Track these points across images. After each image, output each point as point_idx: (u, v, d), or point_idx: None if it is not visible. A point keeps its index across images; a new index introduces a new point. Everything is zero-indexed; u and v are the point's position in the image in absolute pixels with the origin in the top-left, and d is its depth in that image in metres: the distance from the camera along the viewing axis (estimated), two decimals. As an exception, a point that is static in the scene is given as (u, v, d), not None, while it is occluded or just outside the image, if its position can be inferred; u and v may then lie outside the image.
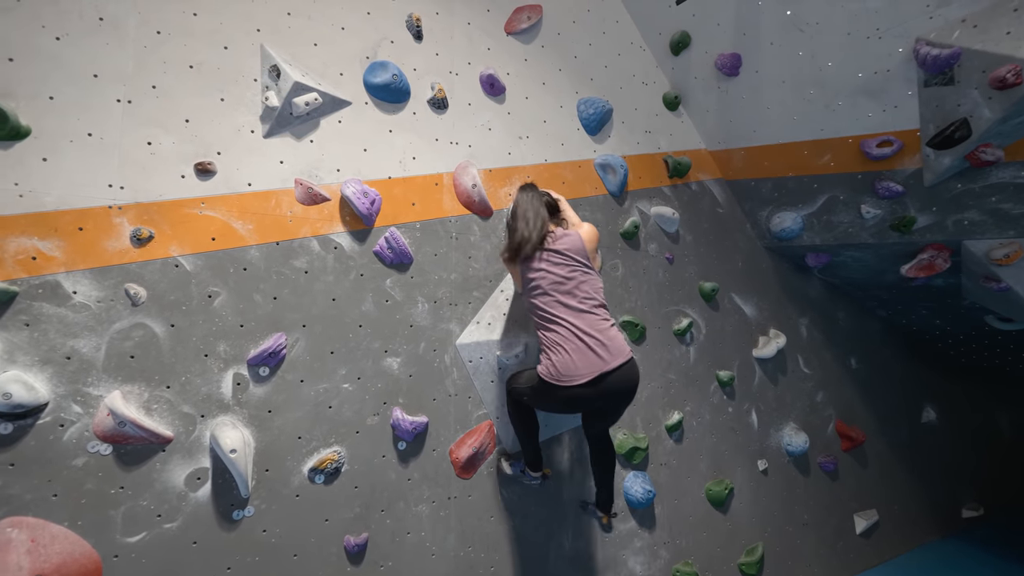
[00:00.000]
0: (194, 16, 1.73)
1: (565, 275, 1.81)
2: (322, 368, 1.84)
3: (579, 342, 1.72)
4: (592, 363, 1.70)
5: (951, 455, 4.04)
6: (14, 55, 1.49)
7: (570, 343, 1.73)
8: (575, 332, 1.74)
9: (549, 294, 1.81)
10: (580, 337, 1.73)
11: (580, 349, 1.72)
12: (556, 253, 1.84)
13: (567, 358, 1.72)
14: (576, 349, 1.72)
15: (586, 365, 1.71)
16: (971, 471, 4.19)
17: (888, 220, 2.51)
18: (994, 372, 4.01)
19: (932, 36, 1.96)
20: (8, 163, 1.47)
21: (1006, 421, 4.60)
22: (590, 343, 1.72)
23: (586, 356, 1.71)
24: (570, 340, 1.73)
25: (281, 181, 1.82)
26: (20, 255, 1.46)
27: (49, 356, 1.47)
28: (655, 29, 2.68)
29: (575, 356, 1.71)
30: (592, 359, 1.71)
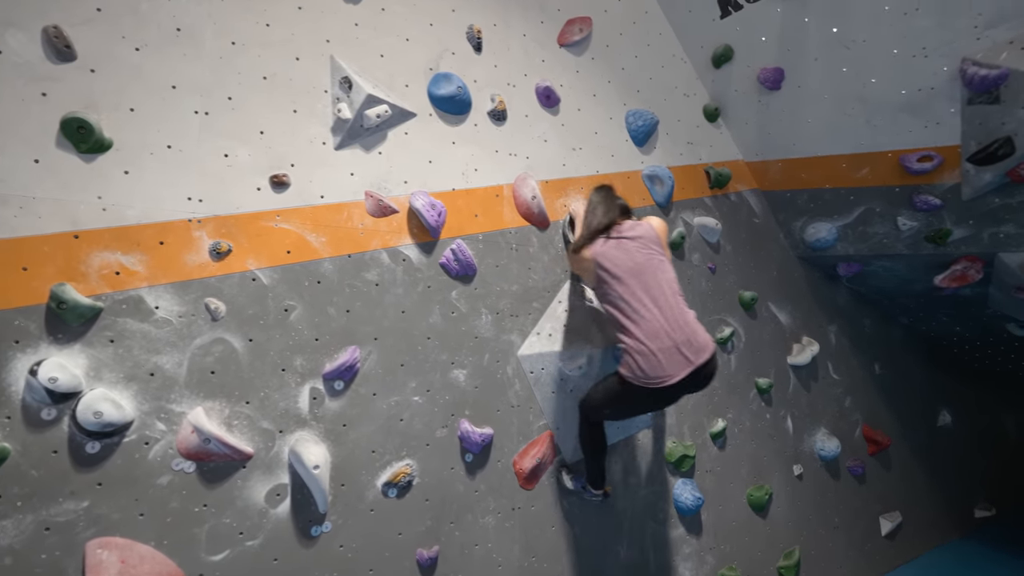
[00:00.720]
0: (267, 27, 1.72)
1: (642, 261, 1.81)
2: (393, 381, 1.84)
3: (666, 340, 1.69)
4: (679, 364, 1.68)
5: (964, 457, 4.18)
6: (96, 66, 1.47)
7: (656, 341, 1.69)
8: (660, 327, 1.71)
9: (627, 283, 1.78)
10: (668, 334, 1.70)
11: (667, 349, 1.68)
12: (631, 240, 1.87)
13: (654, 360, 1.68)
14: (663, 349, 1.68)
15: (673, 366, 1.68)
16: (982, 472, 4.34)
17: (924, 232, 2.60)
18: (1004, 376, 4.16)
19: (979, 56, 2.05)
20: (91, 176, 1.45)
21: (1012, 423, 4.78)
22: (677, 340, 1.69)
23: (673, 356, 1.68)
24: (656, 338, 1.69)
25: (352, 193, 1.82)
26: (104, 270, 1.44)
27: (133, 373, 1.45)
28: (697, 42, 2.74)
29: (662, 357, 1.68)
30: (679, 360, 1.68)
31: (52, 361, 1.35)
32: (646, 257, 1.83)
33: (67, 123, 1.40)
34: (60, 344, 1.38)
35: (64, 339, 1.38)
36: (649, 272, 1.81)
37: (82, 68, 1.45)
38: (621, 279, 1.80)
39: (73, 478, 1.37)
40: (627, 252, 1.84)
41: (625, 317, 1.77)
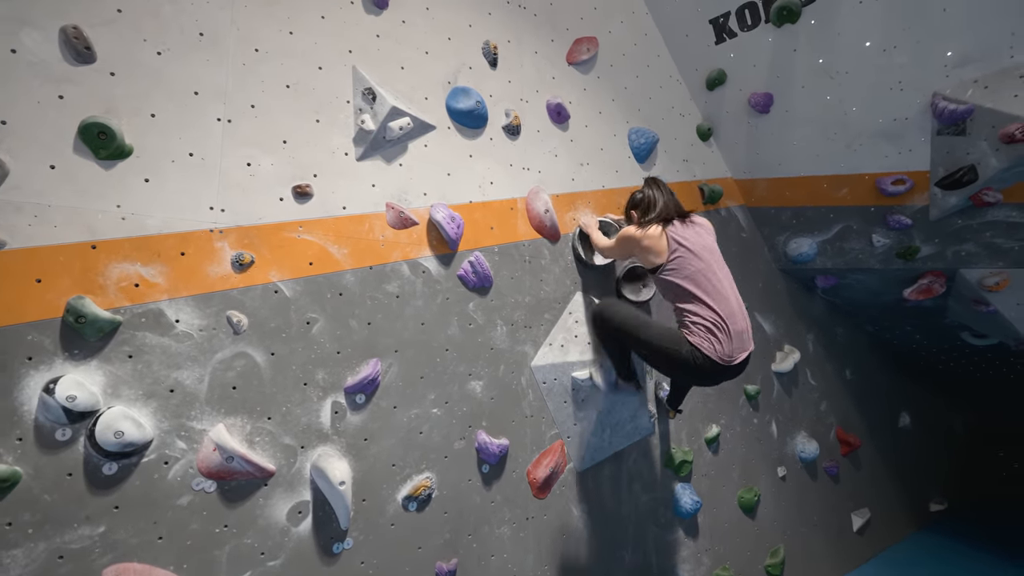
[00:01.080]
0: (290, 35, 1.70)
1: (712, 246, 1.91)
2: (413, 394, 1.84)
3: (740, 322, 1.80)
4: (741, 347, 1.80)
5: (921, 455, 4.52)
6: (116, 69, 1.41)
7: (733, 323, 1.77)
8: (736, 310, 1.81)
9: (706, 261, 1.84)
10: (741, 317, 1.81)
11: (738, 332, 1.78)
12: (699, 226, 1.96)
13: (726, 339, 1.75)
14: (736, 331, 1.77)
15: (739, 349, 1.79)
16: (935, 468, 4.71)
17: (895, 248, 2.83)
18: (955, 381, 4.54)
19: (948, 92, 2.27)
20: (110, 184, 1.39)
21: (960, 423, 5.21)
22: (742, 326, 1.81)
23: (740, 339, 1.79)
24: (733, 319, 1.78)
25: (373, 205, 1.82)
26: (123, 282, 1.38)
27: (153, 389, 1.40)
28: (692, 65, 2.88)
29: (734, 337, 1.77)
30: (741, 344, 1.79)
31: (69, 378, 1.28)
32: (714, 243, 1.94)
33: (87, 128, 1.34)
34: (76, 360, 1.31)
35: (80, 355, 1.32)
36: (719, 258, 1.92)
37: (101, 71, 1.40)
38: (700, 256, 1.85)
39: (88, 502, 1.30)
40: (699, 235, 1.92)
41: (704, 292, 1.80)
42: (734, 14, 2.63)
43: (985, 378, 4.25)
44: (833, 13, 2.39)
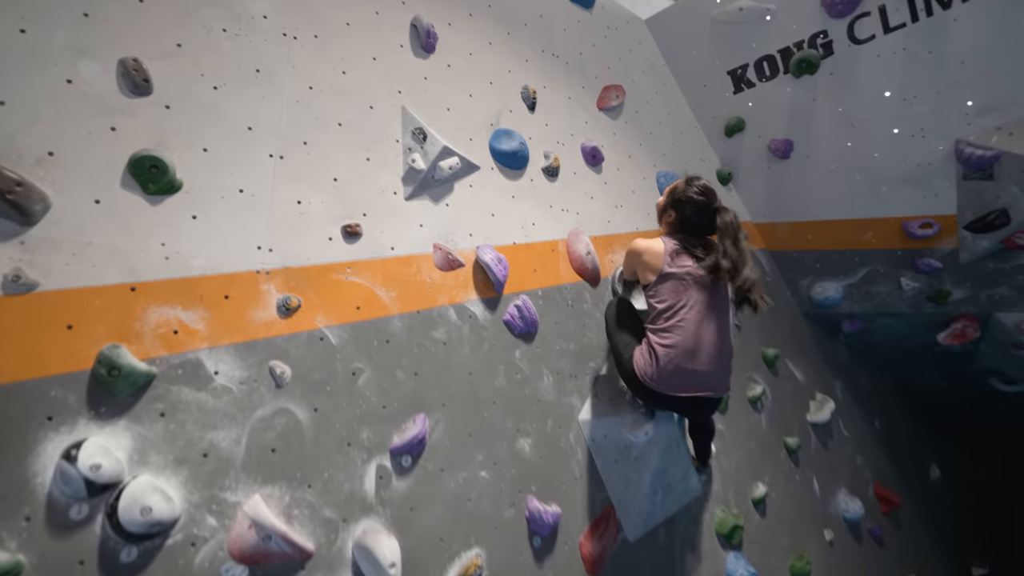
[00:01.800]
0: (343, 74, 1.72)
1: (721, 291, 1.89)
2: (461, 454, 1.71)
3: (700, 363, 1.81)
4: (705, 386, 1.83)
5: (955, 511, 4.45)
6: (171, 102, 1.38)
7: (705, 360, 1.81)
8: (697, 349, 1.81)
9: (708, 299, 1.84)
10: (701, 358, 1.82)
11: (692, 371, 1.81)
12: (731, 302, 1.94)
13: (665, 368, 1.80)
14: (690, 370, 1.80)
15: (702, 384, 1.82)
16: (970, 526, 4.62)
17: (925, 292, 2.91)
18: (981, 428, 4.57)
19: (972, 139, 2.44)
20: (156, 221, 1.31)
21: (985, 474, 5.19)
22: (705, 367, 1.82)
23: (705, 377, 1.83)
24: (690, 355, 1.80)
25: (421, 245, 1.78)
26: (161, 328, 1.27)
27: (185, 454, 1.25)
28: (710, 113, 3.04)
29: (702, 375, 1.82)
30: (706, 382, 1.83)
31: (94, 442, 1.14)
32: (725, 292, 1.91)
33: (139, 161, 1.28)
34: (102, 420, 1.17)
35: (107, 414, 1.18)
36: (721, 303, 1.89)
37: (156, 103, 1.36)
38: (704, 312, 1.83)
39: (102, 597, 1.12)
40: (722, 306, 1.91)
41: (674, 322, 1.82)
42: (752, 66, 2.82)
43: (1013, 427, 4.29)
44: (851, 65, 2.58)
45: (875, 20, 2.45)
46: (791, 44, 2.66)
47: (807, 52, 2.62)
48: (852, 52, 2.55)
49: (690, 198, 1.91)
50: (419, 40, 1.93)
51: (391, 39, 1.87)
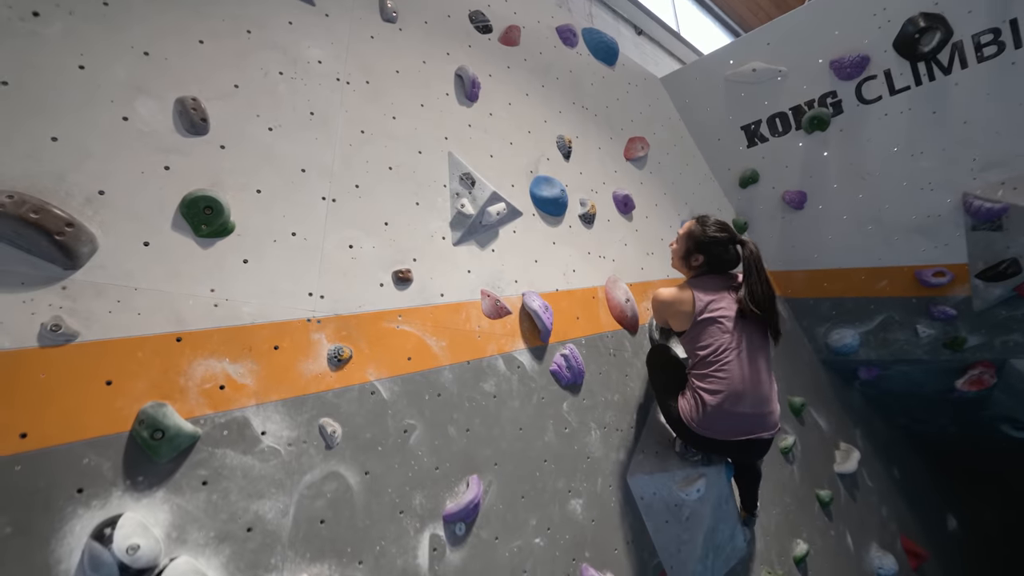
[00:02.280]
0: (393, 120, 1.69)
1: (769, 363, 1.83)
2: (515, 519, 1.56)
3: (760, 404, 1.76)
4: (756, 427, 1.75)
5: (972, 563, 4.31)
6: (226, 143, 1.32)
7: (751, 403, 1.73)
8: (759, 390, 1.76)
9: (747, 338, 1.76)
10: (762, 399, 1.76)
11: (755, 413, 1.75)
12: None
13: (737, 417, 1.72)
14: (754, 413, 1.74)
15: (752, 426, 1.75)
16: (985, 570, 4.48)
17: (941, 339, 2.93)
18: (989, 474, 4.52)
19: (979, 192, 2.54)
20: (207, 265, 1.21)
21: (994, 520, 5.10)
22: (768, 409, 1.77)
23: (753, 420, 1.75)
24: (753, 400, 1.74)
25: (469, 292, 1.69)
26: (207, 383, 1.14)
27: (228, 529, 1.09)
28: (725, 165, 3.13)
29: (749, 418, 1.74)
30: (756, 424, 1.76)
31: (131, 519, 0.98)
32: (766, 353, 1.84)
33: (193, 202, 1.19)
34: (139, 492, 1.02)
35: (145, 483, 1.03)
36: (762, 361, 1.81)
37: (212, 143, 1.29)
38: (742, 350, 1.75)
39: None
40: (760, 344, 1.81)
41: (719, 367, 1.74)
42: (765, 122, 2.93)
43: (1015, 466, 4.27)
44: (861, 123, 2.70)
45: (881, 83, 2.60)
46: (802, 103, 2.79)
47: (818, 110, 2.75)
48: (860, 111, 2.68)
49: (714, 238, 1.84)
50: (464, 89, 1.93)
51: (437, 87, 1.87)
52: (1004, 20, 2.32)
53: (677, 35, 3.98)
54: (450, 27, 2.00)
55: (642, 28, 3.63)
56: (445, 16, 2.00)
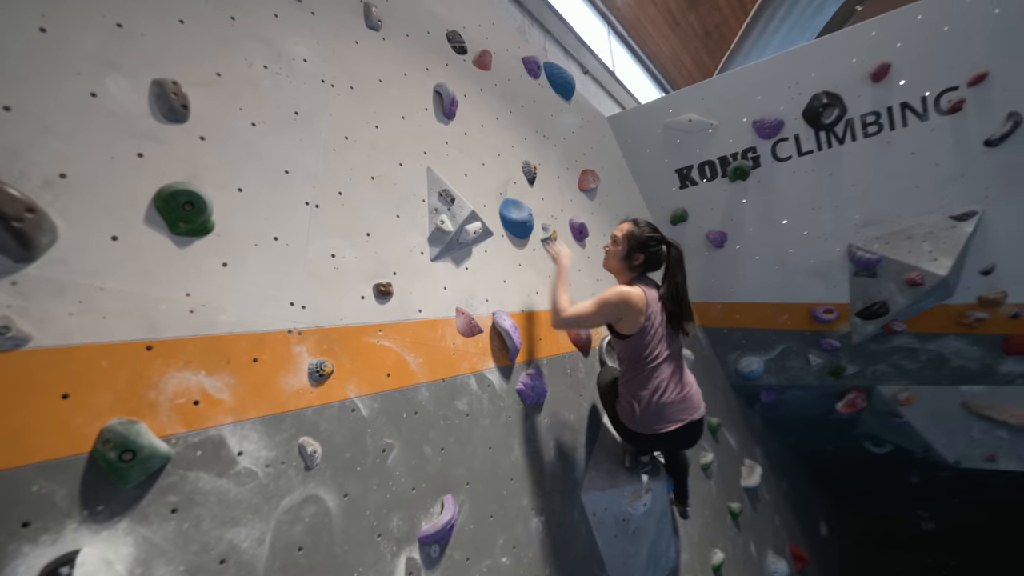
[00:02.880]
0: (376, 128, 1.67)
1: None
2: (484, 539, 1.56)
3: (680, 390, 1.83)
4: (683, 412, 1.83)
5: (836, 563, 5.01)
6: (207, 134, 1.22)
7: (672, 391, 1.81)
8: (675, 379, 1.84)
9: (660, 337, 1.81)
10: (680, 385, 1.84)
11: (678, 399, 1.82)
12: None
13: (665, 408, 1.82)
14: (676, 399, 1.82)
15: (679, 412, 1.82)
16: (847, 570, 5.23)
17: (827, 367, 3.45)
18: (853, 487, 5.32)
19: (861, 244, 3.07)
20: (182, 266, 1.10)
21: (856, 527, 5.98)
22: (689, 392, 1.86)
23: (680, 406, 1.83)
24: (672, 389, 1.82)
25: (445, 309, 1.70)
26: (180, 398, 1.03)
27: (199, 562, 0.98)
28: (659, 203, 3.45)
29: (675, 405, 1.82)
30: (683, 408, 1.83)
31: (92, 555, 0.85)
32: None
33: (172, 196, 1.09)
34: (98, 523, 0.89)
35: (105, 513, 0.90)
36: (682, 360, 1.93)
37: (191, 133, 1.19)
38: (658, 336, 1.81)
39: None
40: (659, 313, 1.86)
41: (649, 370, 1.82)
42: (696, 168, 3.30)
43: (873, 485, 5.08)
44: (774, 177, 3.16)
45: (792, 144, 3.07)
46: (728, 154, 3.19)
47: (741, 162, 3.16)
48: (775, 167, 3.14)
49: (651, 237, 1.90)
50: (443, 106, 1.96)
51: (418, 102, 1.88)
52: (884, 106, 2.89)
53: (616, 78, 4.34)
54: (429, 43, 2.03)
55: (588, 68, 3.92)
56: (425, 32, 2.02)
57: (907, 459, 4.10)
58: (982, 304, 3.03)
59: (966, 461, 3.44)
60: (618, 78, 4.44)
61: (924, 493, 4.96)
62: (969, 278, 3.02)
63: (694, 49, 5.35)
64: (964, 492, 4.78)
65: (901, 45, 2.80)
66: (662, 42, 5.12)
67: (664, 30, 5.00)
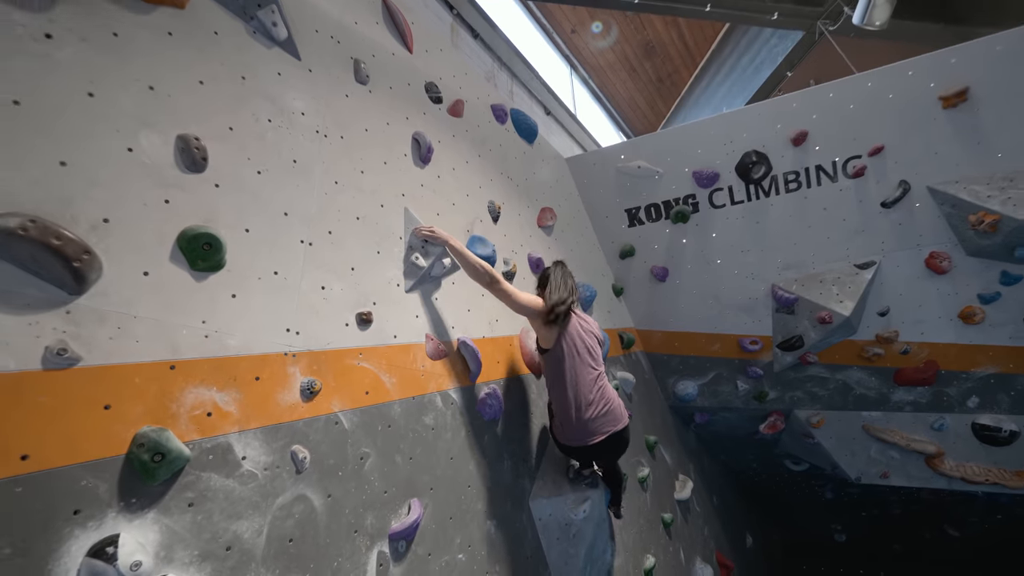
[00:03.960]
0: (362, 174, 1.93)
1: (592, 345, 2.25)
2: (443, 537, 1.82)
3: (601, 406, 2.15)
4: (607, 424, 2.16)
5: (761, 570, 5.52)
6: (221, 182, 1.45)
7: (594, 407, 2.13)
8: (596, 396, 2.15)
9: (577, 357, 2.15)
10: (588, 409, 2.13)
11: (587, 419, 2.13)
12: (585, 321, 2.32)
13: (568, 425, 2.15)
14: (599, 414, 2.15)
15: (603, 425, 2.15)
16: None
17: (752, 392, 3.93)
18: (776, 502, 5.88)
19: (782, 284, 3.57)
20: (200, 298, 1.33)
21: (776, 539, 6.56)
22: (609, 407, 2.17)
23: (603, 419, 2.16)
24: (595, 405, 2.14)
25: (416, 335, 1.96)
26: (196, 410, 1.25)
27: (209, 548, 1.20)
28: (609, 239, 3.86)
29: (599, 419, 2.15)
30: (606, 421, 2.16)
31: (130, 538, 1.06)
32: (594, 343, 2.31)
33: (194, 237, 1.32)
34: (131, 512, 1.10)
35: (137, 505, 1.11)
36: (595, 355, 2.26)
37: (208, 181, 1.42)
38: (576, 352, 2.17)
39: None
40: (584, 333, 2.26)
41: (567, 384, 2.14)
42: (643, 209, 3.73)
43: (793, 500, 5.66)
44: (710, 222, 3.63)
45: (726, 194, 3.55)
46: (671, 199, 3.64)
47: (682, 207, 3.62)
48: (711, 213, 3.61)
49: (548, 270, 2.34)
50: (420, 152, 2.25)
51: (398, 148, 2.15)
52: (803, 167, 3.42)
53: (576, 119, 4.77)
54: (409, 94, 2.32)
55: (550, 109, 4.32)
56: (406, 84, 2.31)
57: (820, 476, 4.65)
58: (879, 341, 3.60)
59: (865, 477, 4.00)
60: (578, 119, 4.88)
61: (837, 508, 5.58)
62: (869, 318, 3.58)
63: (648, 93, 5.91)
64: (869, 507, 5.42)
65: (816, 117, 3.35)
66: (620, 85, 5.64)
67: (622, 75, 5.52)
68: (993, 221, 3.08)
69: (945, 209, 3.27)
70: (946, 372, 3.57)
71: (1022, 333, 3.40)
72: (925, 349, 3.56)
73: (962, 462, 3.72)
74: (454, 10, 3.35)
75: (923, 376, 3.60)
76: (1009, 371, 3.48)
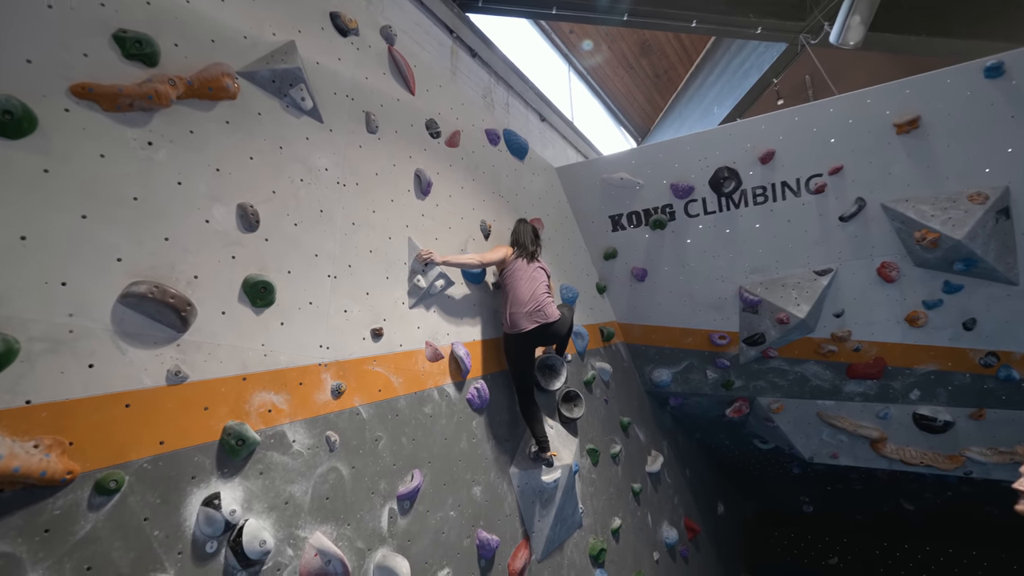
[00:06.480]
0: (373, 212, 2.43)
1: (535, 275, 2.95)
2: (439, 499, 2.41)
3: (528, 307, 2.83)
4: (537, 316, 2.84)
5: (732, 536, 6.22)
6: (269, 236, 1.96)
7: (526, 306, 2.83)
8: (529, 299, 2.85)
9: (519, 274, 2.90)
10: (527, 304, 2.84)
11: (525, 314, 2.83)
12: (542, 270, 3.01)
13: (515, 317, 2.84)
14: (524, 314, 2.83)
15: (534, 317, 2.83)
16: (741, 546, 6.46)
17: (720, 381, 4.47)
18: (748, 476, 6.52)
19: (748, 287, 4.05)
20: (258, 327, 1.86)
21: (749, 509, 7.25)
22: (539, 308, 2.85)
23: (536, 315, 2.83)
24: (526, 304, 2.83)
25: (418, 343, 2.50)
26: (261, 408, 1.81)
27: (274, 503, 1.78)
28: (594, 242, 4.33)
29: (521, 317, 2.83)
30: (537, 318, 2.84)
31: (228, 494, 1.63)
32: (540, 273, 3.00)
33: (255, 284, 1.84)
34: (225, 478, 1.67)
35: (227, 473, 1.68)
36: (538, 277, 2.96)
37: (260, 237, 1.93)
38: (521, 274, 2.92)
39: (222, 610, 1.58)
40: (531, 268, 2.97)
41: (512, 292, 2.89)
42: (625, 216, 4.19)
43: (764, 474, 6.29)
44: (685, 230, 4.08)
45: (700, 204, 3.99)
46: (651, 207, 4.09)
47: (659, 216, 4.06)
48: (686, 221, 4.06)
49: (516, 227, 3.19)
50: (420, 186, 2.73)
51: (402, 185, 2.64)
52: (769, 183, 3.83)
53: (570, 123, 5.15)
54: (412, 134, 2.78)
55: (545, 117, 4.71)
56: (409, 125, 2.77)
57: (786, 455, 5.24)
58: (834, 339, 4.09)
59: (818, 457, 4.57)
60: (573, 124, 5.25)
61: (804, 482, 6.21)
62: (825, 319, 4.06)
63: (646, 88, 6.22)
64: (834, 482, 6.04)
65: (783, 138, 3.74)
66: (618, 82, 5.95)
67: (620, 71, 5.83)
68: (934, 238, 3.50)
69: (896, 225, 3.69)
70: (892, 368, 4.07)
71: (960, 336, 3.87)
72: (874, 347, 4.04)
73: (902, 446, 4.27)
74: (454, 33, 3.73)
75: (872, 371, 4.10)
76: (948, 369, 3.97)
